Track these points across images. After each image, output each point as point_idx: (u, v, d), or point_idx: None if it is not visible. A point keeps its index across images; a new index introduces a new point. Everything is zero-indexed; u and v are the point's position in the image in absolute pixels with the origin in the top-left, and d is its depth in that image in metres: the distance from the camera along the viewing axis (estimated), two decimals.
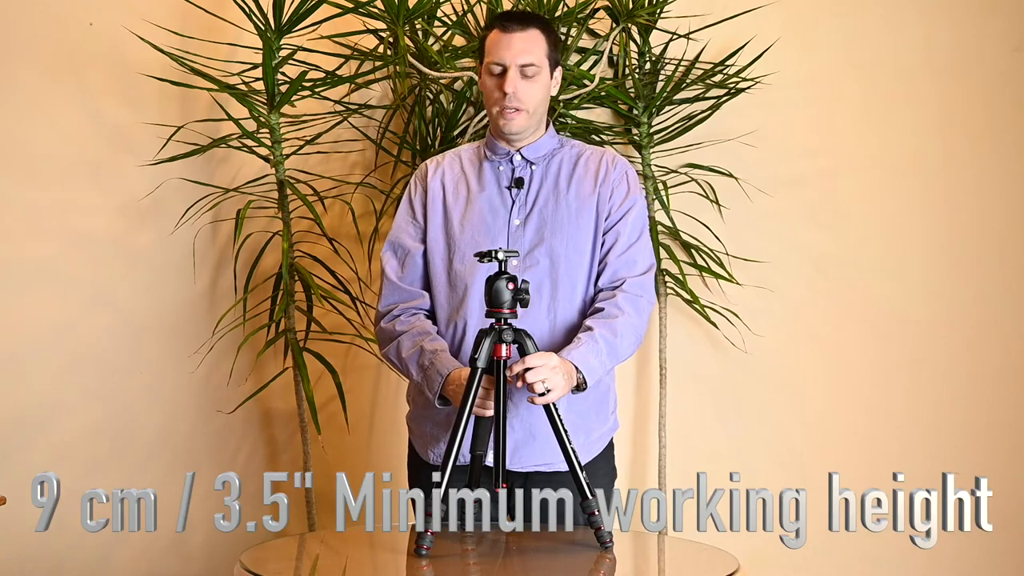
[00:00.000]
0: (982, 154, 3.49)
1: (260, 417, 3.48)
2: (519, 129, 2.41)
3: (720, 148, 3.41)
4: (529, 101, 2.39)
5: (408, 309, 2.44)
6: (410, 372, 2.39)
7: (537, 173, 2.45)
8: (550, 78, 2.42)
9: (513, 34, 2.37)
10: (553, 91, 2.46)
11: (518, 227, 2.41)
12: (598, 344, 2.29)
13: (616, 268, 2.41)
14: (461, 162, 2.51)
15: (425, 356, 2.34)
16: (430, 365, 2.33)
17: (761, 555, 2.79)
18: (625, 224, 2.42)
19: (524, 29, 2.38)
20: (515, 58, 2.36)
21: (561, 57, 2.62)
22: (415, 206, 2.50)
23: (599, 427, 2.46)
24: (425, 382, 2.34)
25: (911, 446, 3.46)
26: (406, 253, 2.47)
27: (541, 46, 2.39)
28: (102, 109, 3.42)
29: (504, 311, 2.18)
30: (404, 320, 2.42)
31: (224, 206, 3.34)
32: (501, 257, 2.16)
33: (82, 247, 3.42)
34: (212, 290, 3.45)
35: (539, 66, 2.38)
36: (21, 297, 3.39)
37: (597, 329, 2.31)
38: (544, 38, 2.40)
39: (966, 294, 3.49)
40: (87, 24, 3.41)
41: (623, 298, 2.37)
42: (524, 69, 2.37)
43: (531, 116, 2.41)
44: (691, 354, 3.47)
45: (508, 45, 2.37)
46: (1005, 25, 3.48)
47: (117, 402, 3.43)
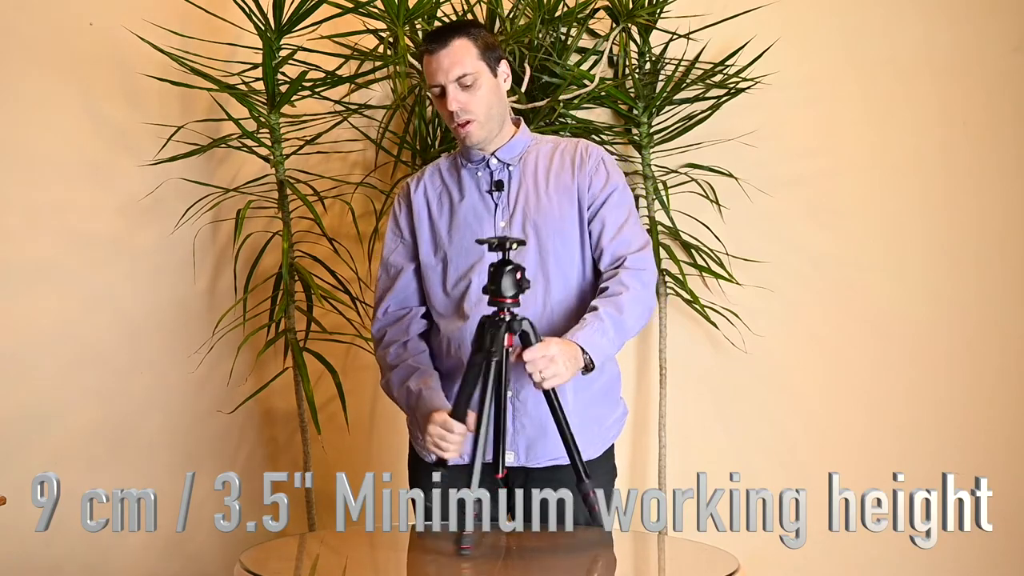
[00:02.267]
0: (982, 154, 3.49)
1: (260, 417, 3.48)
2: (479, 139, 2.42)
3: (720, 148, 3.41)
4: (477, 109, 2.38)
5: (397, 333, 2.48)
6: (403, 409, 2.47)
7: (515, 173, 2.46)
8: (494, 77, 2.41)
9: (439, 53, 2.37)
10: (505, 86, 2.45)
11: (504, 228, 2.42)
12: (603, 323, 2.29)
13: (613, 250, 2.42)
14: (440, 174, 2.52)
15: (412, 397, 2.40)
16: (416, 405, 2.38)
17: (761, 555, 2.79)
18: (609, 208, 2.43)
19: (446, 44, 2.37)
20: (447, 75, 2.36)
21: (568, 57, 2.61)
22: (402, 226, 2.52)
23: (610, 412, 2.48)
24: (415, 420, 2.42)
25: (911, 446, 3.46)
26: (398, 271, 2.51)
27: (470, 53, 2.37)
28: (102, 109, 3.42)
29: (507, 300, 2.18)
30: (393, 352, 2.47)
31: (224, 206, 3.34)
32: (506, 245, 2.17)
33: (82, 247, 3.42)
34: (212, 290, 3.45)
35: (474, 73, 2.37)
36: (21, 297, 3.39)
37: (602, 308, 2.33)
38: (471, 43, 2.38)
39: (966, 294, 3.49)
40: (87, 24, 3.41)
41: (625, 274, 2.38)
42: (460, 81, 2.37)
43: (485, 123, 2.40)
44: (691, 354, 3.47)
45: (438, 65, 2.37)
46: (1005, 25, 3.48)
47: (117, 402, 3.43)
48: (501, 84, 2.44)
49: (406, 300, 2.50)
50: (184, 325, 3.43)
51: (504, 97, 2.46)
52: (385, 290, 2.52)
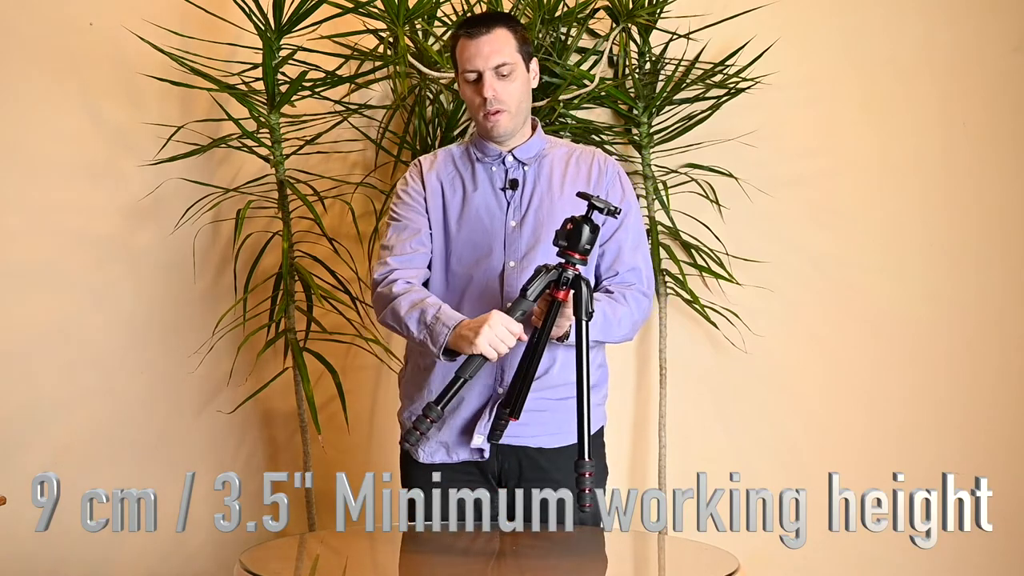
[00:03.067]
0: (982, 154, 3.49)
1: (260, 417, 3.48)
2: (506, 131, 2.42)
3: (720, 148, 3.41)
4: (510, 100, 2.39)
5: (405, 277, 2.40)
6: (410, 330, 2.33)
7: (530, 174, 2.45)
8: (527, 72, 2.42)
9: (480, 38, 2.37)
10: (533, 83, 2.46)
11: (514, 228, 2.42)
12: (595, 310, 2.28)
13: (625, 278, 2.44)
14: (454, 160, 2.51)
15: (427, 314, 2.30)
16: (435, 321, 2.28)
17: (761, 555, 2.79)
18: (626, 232, 2.44)
19: (490, 31, 2.37)
20: (487, 62, 2.36)
21: (568, 55, 2.62)
22: (415, 197, 2.47)
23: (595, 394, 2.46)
24: (429, 337, 2.30)
25: (911, 446, 3.46)
26: (415, 233, 2.44)
27: (510, 43, 2.38)
28: (102, 109, 3.42)
29: (576, 256, 2.19)
30: (401, 284, 2.38)
31: (224, 206, 3.34)
32: (600, 205, 2.17)
33: (82, 247, 3.42)
34: (212, 290, 3.45)
35: (512, 63, 2.38)
36: (21, 297, 3.39)
37: (603, 302, 2.36)
38: (511, 34, 2.39)
39: (966, 294, 3.49)
40: (87, 24, 3.41)
41: (631, 296, 2.42)
42: (498, 70, 2.37)
43: (515, 115, 2.41)
44: (691, 354, 3.47)
45: (477, 50, 2.37)
46: (1005, 25, 3.48)
47: (117, 402, 3.43)
48: (530, 81, 2.44)
49: (415, 257, 2.44)
50: (184, 325, 3.43)
51: (530, 95, 2.46)
52: (395, 244, 2.44)
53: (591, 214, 2.19)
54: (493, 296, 2.39)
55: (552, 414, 2.40)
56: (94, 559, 3.38)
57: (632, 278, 2.44)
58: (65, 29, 3.40)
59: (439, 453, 2.43)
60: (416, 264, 2.43)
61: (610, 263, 2.44)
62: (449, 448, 2.42)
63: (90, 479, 3.29)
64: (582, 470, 2.14)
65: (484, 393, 2.40)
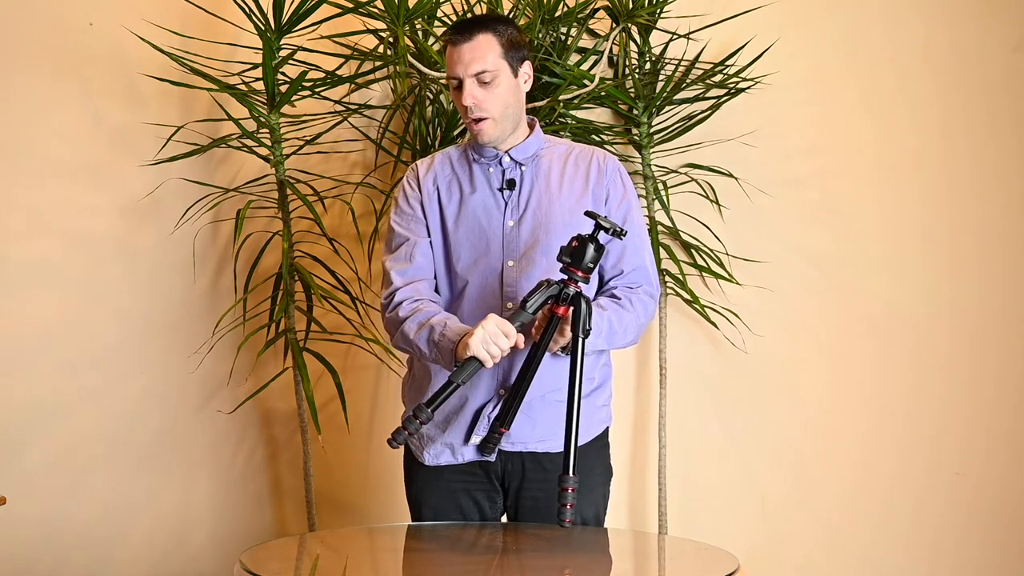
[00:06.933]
0: (982, 154, 3.49)
1: (260, 417, 3.48)
2: (491, 138, 2.40)
3: (720, 148, 3.41)
4: (493, 108, 2.37)
5: (410, 296, 2.40)
6: (422, 351, 2.35)
7: (527, 174, 2.45)
8: (514, 77, 2.39)
9: (461, 46, 2.35)
10: (525, 87, 2.43)
11: (512, 228, 2.41)
12: (600, 325, 2.29)
13: (630, 277, 2.43)
14: (451, 163, 2.50)
15: (435, 332, 2.30)
16: (441, 338, 2.29)
17: (761, 555, 2.79)
18: (630, 228, 2.43)
19: (471, 38, 2.35)
20: (467, 69, 2.34)
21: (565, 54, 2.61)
22: (412, 204, 2.48)
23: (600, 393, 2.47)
24: (439, 355, 2.30)
25: (911, 446, 3.46)
26: (414, 245, 2.44)
27: (493, 50, 2.35)
28: (102, 109, 3.42)
29: (579, 274, 2.20)
30: (407, 307, 2.38)
31: (224, 206, 3.34)
32: (606, 225, 2.18)
33: (82, 247, 3.42)
34: (212, 290, 3.45)
35: (494, 71, 2.35)
36: (21, 297, 3.39)
37: (609, 311, 2.34)
38: (495, 40, 2.36)
39: (966, 294, 3.49)
40: (87, 24, 3.41)
41: (637, 299, 2.41)
42: (479, 77, 2.34)
43: (500, 122, 2.38)
44: (691, 354, 3.47)
45: (459, 57, 2.35)
46: (1005, 25, 3.48)
47: (117, 402, 3.43)
48: (520, 84, 2.41)
49: (419, 271, 2.44)
50: (184, 325, 3.43)
51: (522, 98, 2.43)
52: (396, 260, 2.44)
53: (597, 234, 2.20)
54: (493, 295, 2.39)
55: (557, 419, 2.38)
56: (94, 559, 3.38)
57: (638, 278, 2.43)
58: (65, 29, 3.40)
59: (444, 454, 2.43)
60: (420, 275, 2.44)
61: (615, 261, 2.43)
62: (455, 449, 2.42)
63: (90, 479, 3.30)
64: (564, 485, 2.13)
65: (488, 396, 2.40)
